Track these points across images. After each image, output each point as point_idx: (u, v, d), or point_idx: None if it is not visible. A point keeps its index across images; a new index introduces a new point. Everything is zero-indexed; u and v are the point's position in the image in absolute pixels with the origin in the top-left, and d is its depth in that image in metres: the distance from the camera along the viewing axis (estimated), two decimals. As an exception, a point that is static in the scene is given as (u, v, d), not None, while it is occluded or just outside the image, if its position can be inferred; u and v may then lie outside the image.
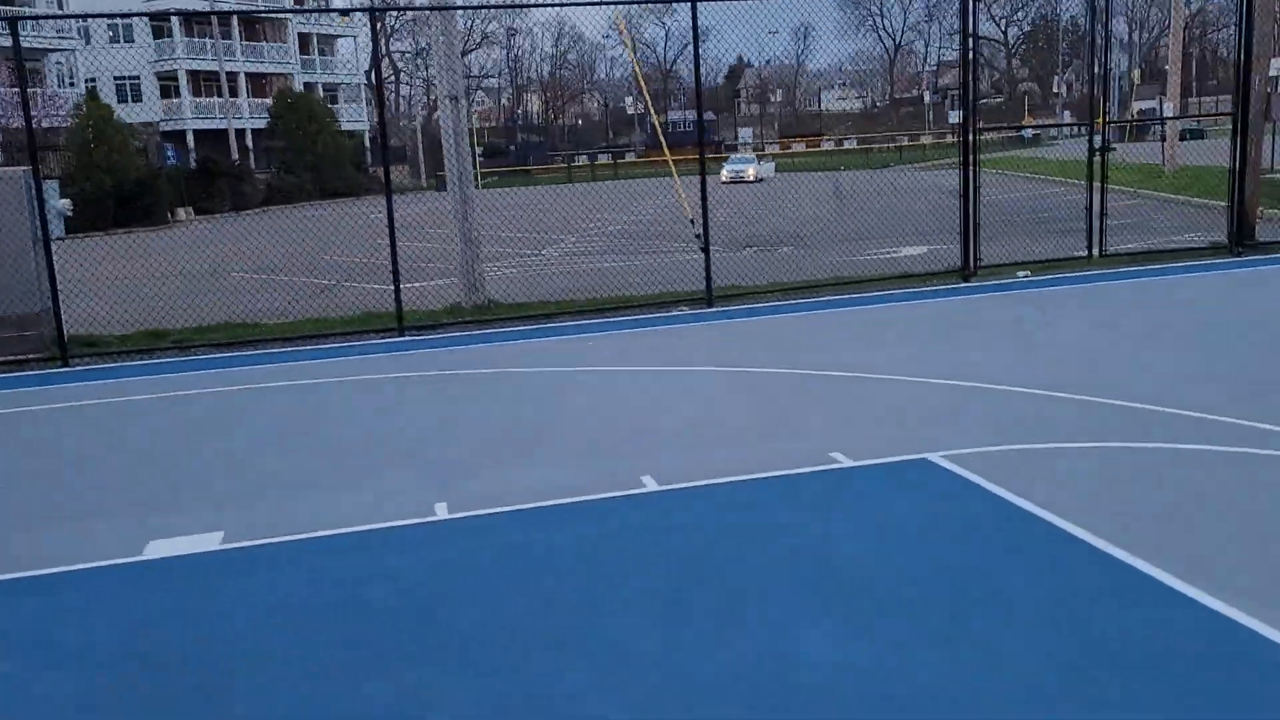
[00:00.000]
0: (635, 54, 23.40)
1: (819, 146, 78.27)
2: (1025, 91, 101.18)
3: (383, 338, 10.89)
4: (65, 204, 11.02)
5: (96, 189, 32.60)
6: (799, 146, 78.65)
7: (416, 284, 13.52)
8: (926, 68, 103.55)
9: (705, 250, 11.66)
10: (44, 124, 36.06)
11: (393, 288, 11.11)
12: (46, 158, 34.83)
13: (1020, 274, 12.47)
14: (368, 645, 3.86)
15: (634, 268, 15.26)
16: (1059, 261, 13.00)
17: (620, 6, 13.98)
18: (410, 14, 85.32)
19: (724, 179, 46.39)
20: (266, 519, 5.29)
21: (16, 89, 38.35)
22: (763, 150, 76.09)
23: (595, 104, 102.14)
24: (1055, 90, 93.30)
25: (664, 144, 12.51)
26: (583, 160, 77.98)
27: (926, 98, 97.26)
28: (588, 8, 33.07)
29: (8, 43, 12.44)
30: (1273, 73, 13.99)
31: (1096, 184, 12.97)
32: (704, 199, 11.51)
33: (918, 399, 7.07)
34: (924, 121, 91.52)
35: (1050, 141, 57.97)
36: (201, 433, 7.34)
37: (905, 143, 73.43)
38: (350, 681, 3.61)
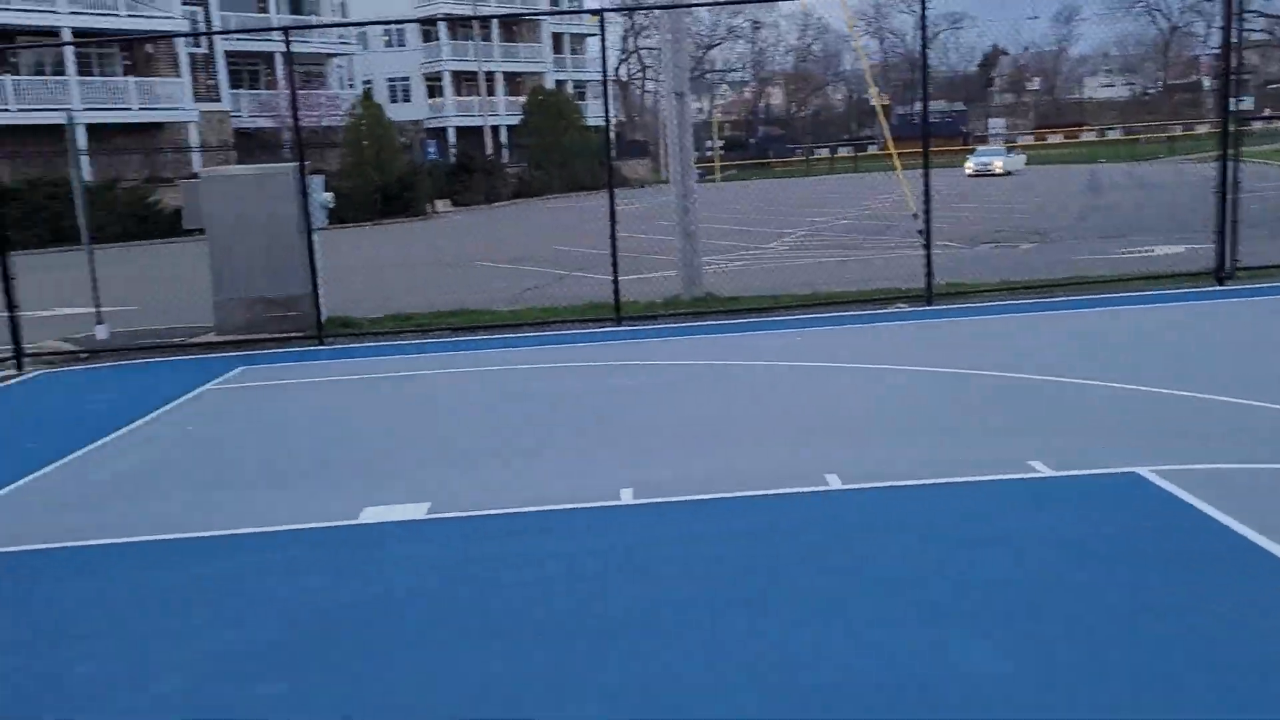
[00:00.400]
0: (863, 50, 22.98)
1: (1078, 137, 73.68)
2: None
3: (601, 327, 11.31)
4: (328, 197, 12.10)
5: (366, 183, 35.45)
6: (1057, 138, 74.35)
7: (641, 275, 13.92)
8: (1206, 50, 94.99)
9: (926, 246, 11.34)
10: (324, 123, 39.62)
11: (616, 279, 11.49)
12: (324, 154, 38.26)
13: (1287, 277, 11.33)
14: (529, 621, 4.11)
15: (858, 262, 15.04)
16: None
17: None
18: (659, 11, 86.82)
19: (969, 172, 44.69)
20: (472, 493, 5.68)
21: (300, 91, 42.11)
22: (1015, 141, 72.48)
23: (839, 96, 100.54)
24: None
25: (888, 136, 12.24)
26: (823, 153, 77.07)
27: (1205, 83, 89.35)
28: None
29: (293, 49, 13.96)
30: None
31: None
32: (926, 194, 11.17)
33: (1136, 408, 6.62)
34: (1201, 109, 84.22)
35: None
36: (427, 409, 7.94)
37: (1178, 132, 67.73)
38: (500, 654, 3.86)
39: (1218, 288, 11.21)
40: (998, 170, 44.64)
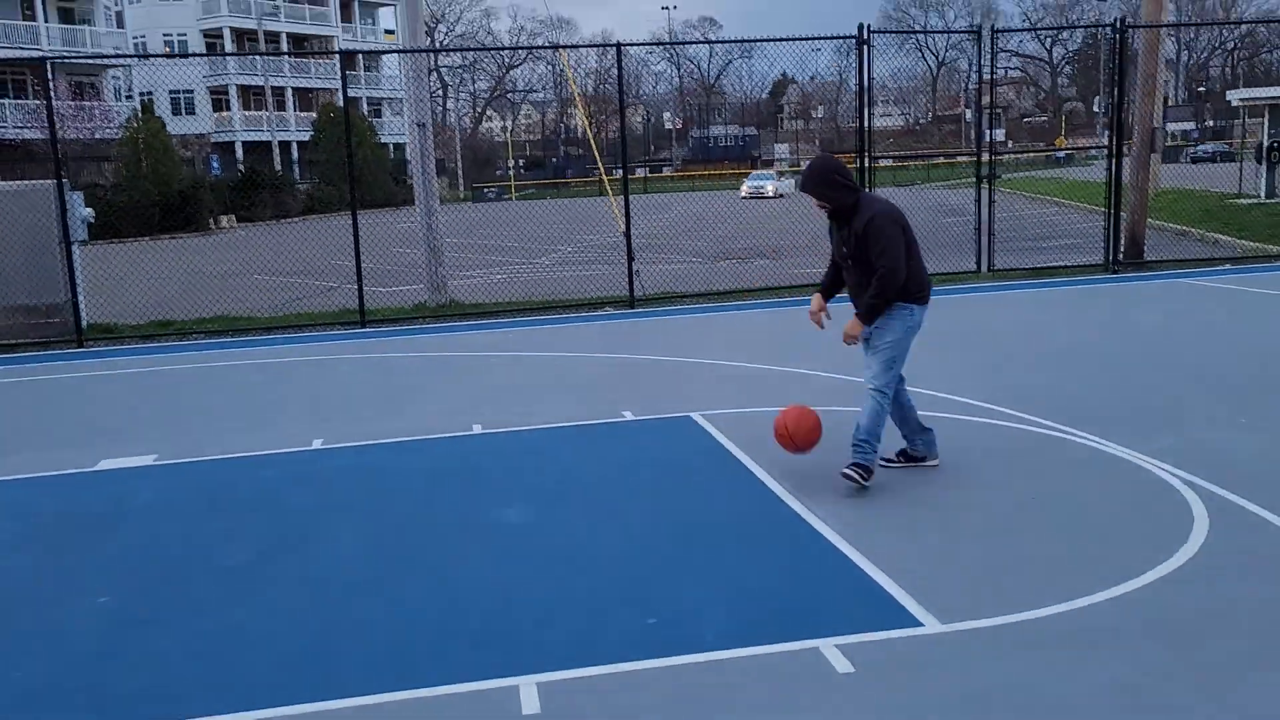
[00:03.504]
0: (577, 85, 25.25)
1: (854, 163, 79.19)
2: (1069, 111, 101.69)
3: (348, 330, 12.76)
4: (88, 213, 12.99)
5: (143, 197, 35.10)
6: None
7: (408, 287, 15.39)
8: (969, 86, 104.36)
9: (629, 260, 13.36)
10: (98, 135, 38.81)
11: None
12: (100, 167, 37.54)
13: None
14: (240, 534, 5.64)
15: (604, 275, 16.92)
16: (952, 275, 14.46)
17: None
18: (460, 29, 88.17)
19: (744, 194, 47.93)
20: (193, 447, 7.10)
21: (72, 103, 40.60)
22: (798, 165, 77.53)
23: (639, 118, 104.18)
24: (1095, 109, 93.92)
25: (600, 162, 14.22)
26: (619, 174, 79.78)
27: (967, 115, 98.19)
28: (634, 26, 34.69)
29: (66, 61, 14.49)
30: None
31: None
32: (627, 214, 13.20)
33: (722, 378, 8.74)
34: (962, 139, 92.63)
35: (1088, 161, 58.70)
36: (163, 395, 9.22)
37: (940, 161, 74.17)
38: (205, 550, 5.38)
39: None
40: (770, 193, 48.04)
